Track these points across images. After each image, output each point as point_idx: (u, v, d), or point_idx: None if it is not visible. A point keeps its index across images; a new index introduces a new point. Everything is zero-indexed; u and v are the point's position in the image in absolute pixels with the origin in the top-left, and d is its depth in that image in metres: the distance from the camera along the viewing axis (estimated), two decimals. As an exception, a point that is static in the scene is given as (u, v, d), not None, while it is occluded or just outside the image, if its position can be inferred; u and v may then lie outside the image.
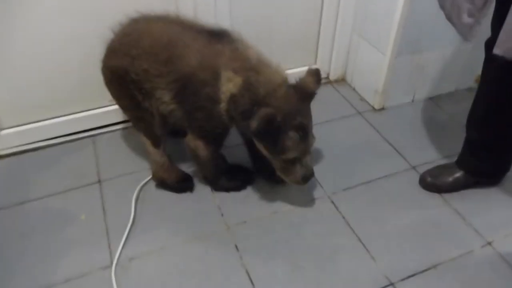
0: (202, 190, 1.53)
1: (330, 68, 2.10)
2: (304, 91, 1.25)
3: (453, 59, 1.93)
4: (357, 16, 1.91)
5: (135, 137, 1.63)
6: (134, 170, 1.60)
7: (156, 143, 1.46)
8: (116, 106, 1.52)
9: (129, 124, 1.73)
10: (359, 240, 1.37)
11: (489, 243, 1.36)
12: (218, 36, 1.26)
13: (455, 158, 1.56)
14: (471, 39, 1.14)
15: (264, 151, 1.29)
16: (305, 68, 1.34)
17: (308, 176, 1.33)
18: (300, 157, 1.28)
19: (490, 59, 1.22)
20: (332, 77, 2.11)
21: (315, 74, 1.29)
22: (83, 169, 1.60)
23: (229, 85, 1.21)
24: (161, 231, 1.39)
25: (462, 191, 1.52)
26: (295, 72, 1.70)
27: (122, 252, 1.31)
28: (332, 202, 1.49)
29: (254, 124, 1.16)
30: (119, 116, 1.76)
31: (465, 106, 1.49)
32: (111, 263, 1.28)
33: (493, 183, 1.54)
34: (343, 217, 1.44)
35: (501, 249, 1.35)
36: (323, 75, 2.09)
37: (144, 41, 1.29)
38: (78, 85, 1.66)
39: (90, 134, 1.75)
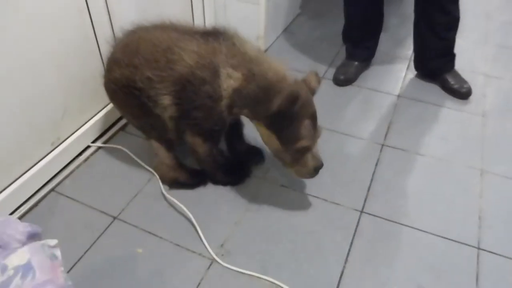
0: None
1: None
2: (309, 87, 1.29)
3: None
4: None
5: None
6: (137, 188, 1.54)
7: (170, 148, 1.48)
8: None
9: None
10: (342, 133, 1.80)
11: (398, 95, 2.03)
12: (213, 35, 1.29)
13: (341, 55, 2.16)
14: None
15: (273, 143, 1.29)
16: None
17: (319, 167, 1.31)
18: (311, 147, 1.28)
19: None
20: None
21: (316, 74, 1.34)
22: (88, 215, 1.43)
23: (230, 81, 1.25)
24: (224, 210, 1.47)
25: (359, 77, 2.13)
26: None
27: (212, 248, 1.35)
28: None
29: (277, 101, 1.16)
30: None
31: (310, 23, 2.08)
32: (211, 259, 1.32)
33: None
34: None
35: (405, 93, 2.03)
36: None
37: (144, 49, 1.31)
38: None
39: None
